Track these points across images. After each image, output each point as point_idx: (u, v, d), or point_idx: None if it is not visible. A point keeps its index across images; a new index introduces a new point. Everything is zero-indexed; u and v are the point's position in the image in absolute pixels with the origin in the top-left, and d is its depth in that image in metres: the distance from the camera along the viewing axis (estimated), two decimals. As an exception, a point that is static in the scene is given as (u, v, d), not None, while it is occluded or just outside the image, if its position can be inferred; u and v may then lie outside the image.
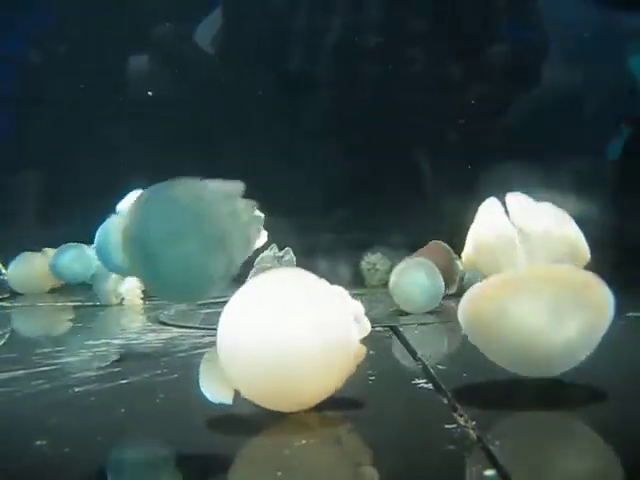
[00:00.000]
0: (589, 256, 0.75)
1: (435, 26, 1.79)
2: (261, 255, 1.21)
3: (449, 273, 1.31)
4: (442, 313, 1.25)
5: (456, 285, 1.34)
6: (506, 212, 0.75)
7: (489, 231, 0.75)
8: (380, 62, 1.78)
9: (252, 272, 1.13)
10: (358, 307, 0.72)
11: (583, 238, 0.75)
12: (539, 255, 0.73)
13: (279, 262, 1.22)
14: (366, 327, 0.72)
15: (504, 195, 0.77)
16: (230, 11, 1.81)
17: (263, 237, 0.81)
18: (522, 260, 0.74)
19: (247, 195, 0.81)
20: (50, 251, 1.54)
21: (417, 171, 1.78)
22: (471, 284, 0.77)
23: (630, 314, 1.14)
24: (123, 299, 1.37)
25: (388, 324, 1.14)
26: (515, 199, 0.76)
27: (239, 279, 0.76)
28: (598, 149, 1.81)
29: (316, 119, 1.81)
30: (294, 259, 1.26)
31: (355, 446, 0.68)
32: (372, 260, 1.53)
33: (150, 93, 1.75)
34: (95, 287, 1.39)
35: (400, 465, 0.62)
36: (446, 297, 1.29)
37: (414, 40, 1.79)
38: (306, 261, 1.44)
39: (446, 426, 0.67)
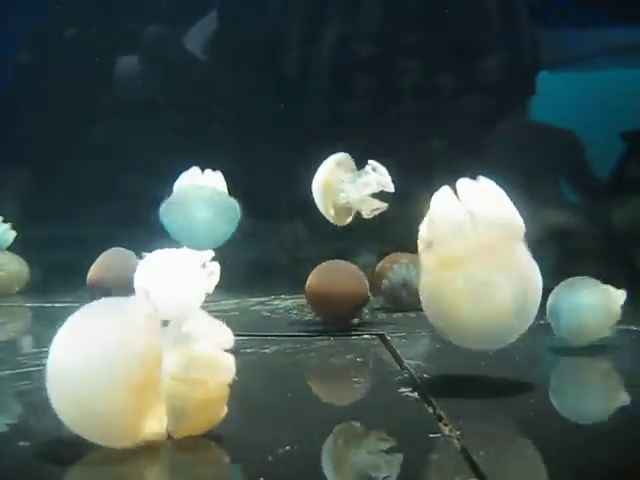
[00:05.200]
0: (524, 229, 0.81)
1: (427, 38, 1.79)
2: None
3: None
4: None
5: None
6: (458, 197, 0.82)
7: (443, 216, 0.81)
8: (373, 73, 1.79)
9: None
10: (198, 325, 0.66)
11: (518, 214, 0.81)
12: (484, 234, 0.79)
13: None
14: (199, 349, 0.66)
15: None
16: (223, 16, 1.81)
17: None
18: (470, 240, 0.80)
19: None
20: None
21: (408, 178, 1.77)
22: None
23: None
24: None
25: (376, 332, 1.14)
26: (464, 184, 0.82)
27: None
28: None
29: (306, 125, 1.81)
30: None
31: (339, 453, 0.68)
32: None
33: None
34: None
35: (384, 473, 0.62)
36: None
37: (407, 51, 1.79)
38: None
39: (431, 435, 0.67)
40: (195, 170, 1.10)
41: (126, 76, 1.83)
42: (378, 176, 1.09)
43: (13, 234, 1.57)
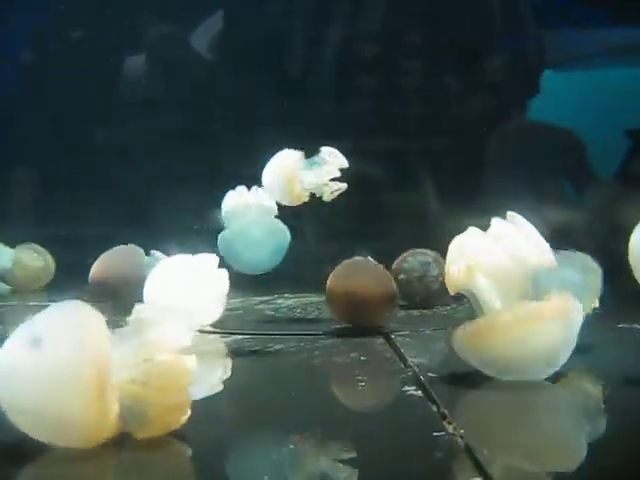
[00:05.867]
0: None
1: (431, 38, 1.79)
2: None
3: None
4: (434, 320, 1.25)
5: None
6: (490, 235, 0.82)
7: (486, 259, 0.81)
8: (376, 73, 1.78)
9: None
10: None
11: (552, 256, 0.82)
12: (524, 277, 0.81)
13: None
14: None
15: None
16: (225, 15, 1.81)
17: None
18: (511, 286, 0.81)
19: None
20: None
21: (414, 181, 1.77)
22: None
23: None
24: None
25: (380, 331, 1.14)
26: (499, 225, 0.82)
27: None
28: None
29: (308, 125, 1.80)
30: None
31: (342, 452, 0.68)
32: None
33: None
34: None
35: (387, 472, 0.62)
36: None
37: (410, 52, 1.79)
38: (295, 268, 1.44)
39: (435, 434, 0.67)
40: (242, 188, 1.15)
41: (127, 76, 1.83)
42: (337, 160, 1.12)
43: (8, 251, 1.55)
